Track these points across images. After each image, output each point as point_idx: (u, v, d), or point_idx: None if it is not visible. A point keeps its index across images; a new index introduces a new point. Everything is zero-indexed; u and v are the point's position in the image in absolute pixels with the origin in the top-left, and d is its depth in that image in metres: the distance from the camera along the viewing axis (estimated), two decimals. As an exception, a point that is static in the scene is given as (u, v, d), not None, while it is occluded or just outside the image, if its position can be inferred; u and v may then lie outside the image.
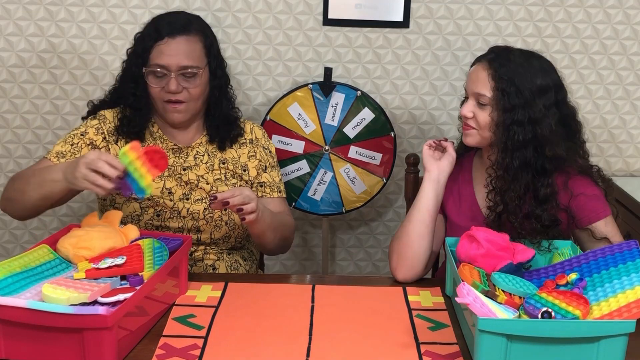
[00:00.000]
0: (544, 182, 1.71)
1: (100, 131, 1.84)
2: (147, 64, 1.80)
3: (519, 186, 1.70)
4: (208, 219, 1.87)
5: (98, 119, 1.87)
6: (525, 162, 1.70)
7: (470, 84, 1.76)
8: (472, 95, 1.76)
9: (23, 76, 2.42)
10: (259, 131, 1.98)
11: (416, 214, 1.76)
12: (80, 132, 1.84)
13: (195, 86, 1.81)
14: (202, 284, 1.71)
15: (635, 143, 2.56)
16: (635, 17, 2.42)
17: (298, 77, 2.45)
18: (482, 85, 1.72)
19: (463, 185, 1.86)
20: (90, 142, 1.83)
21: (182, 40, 1.79)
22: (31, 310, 1.29)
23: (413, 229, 1.75)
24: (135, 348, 1.42)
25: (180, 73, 1.79)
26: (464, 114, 1.76)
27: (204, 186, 1.87)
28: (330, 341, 1.47)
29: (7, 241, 2.60)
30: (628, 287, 1.44)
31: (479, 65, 1.76)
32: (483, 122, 1.73)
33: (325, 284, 1.77)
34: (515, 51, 1.76)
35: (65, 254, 1.58)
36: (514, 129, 1.69)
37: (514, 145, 1.69)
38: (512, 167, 1.70)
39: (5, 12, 2.37)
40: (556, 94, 1.73)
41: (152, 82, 1.81)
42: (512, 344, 1.35)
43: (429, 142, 1.82)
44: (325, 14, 2.39)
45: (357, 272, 2.69)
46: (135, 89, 1.82)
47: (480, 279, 1.51)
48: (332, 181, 2.38)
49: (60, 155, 1.79)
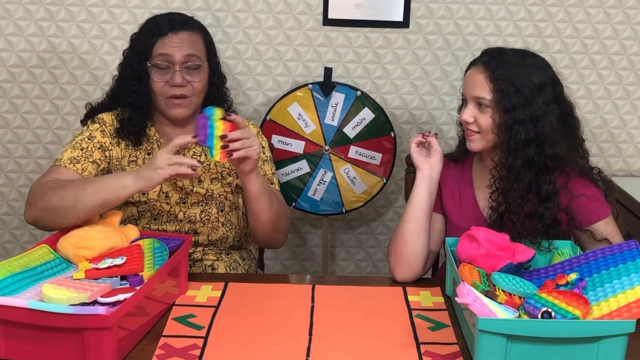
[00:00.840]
0: (546, 180, 1.71)
1: (105, 133, 1.83)
2: (150, 59, 1.80)
3: (522, 185, 1.70)
4: (205, 221, 1.87)
5: (98, 123, 1.85)
6: (528, 160, 1.70)
7: (468, 88, 1.75)
8: (471, 99, 1.74)
9: (23, 76, 2.42)
10: (253, 129, 1.98)
11: (410, 213, 1.76)
12: (86, 136, 1.82)
13: (199, 79, 1.82)
14: (202, 284, 1.71)
15: (635, 143, 2.56)
16: (635, 17, 2.42)
17: (298, 77, 2.45)
18: (480, 89, 1.72)
19: (464, 186, 1.86)
20: (100, 145, 1.81)
21: (184, 34, 1.81)
22: (31, 310, 1.29)
23: (408, 227, 1.75)
24: (135, 348, 1.42)
25: (185, 66, 1.79)
26: (464, 119, 1.75)
27: (199, 190, 1.87)
28: (330, 341, 1.47)
29: (7, 241, 2.60)
30: (628, 287, 1.44)
31: (475, 69, 1.74)
32: (485, 125, 1.73)
33: (325, 284, 1.77)
34: (509, 51, 1.76)
35: (65, 254, 1.58)
36: (516, 129, 1.68)
37: (516, 145, 1.69)
38: (515, 166, 1.70)
39: (5, 12, 2.37)
40: (554, 89, 1.73)
41: (156, 77, 1.80)
42: (512, 344, 1.35)
43: (415, 140, 1.81)
44: (325, 14, 2.39)
45: (357, 272, 2.69)
46: (138, 86, 1.81)
47: (480, 279, 1.51)
48: (332, 181, 2.38)
49: (75, 161, 1.76)
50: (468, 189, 1.86)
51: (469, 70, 1.76)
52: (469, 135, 1.77)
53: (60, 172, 1.75)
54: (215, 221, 1.88)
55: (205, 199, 1.88)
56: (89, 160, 1.78)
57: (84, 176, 1.76)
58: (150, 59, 1.80)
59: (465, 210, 1.84)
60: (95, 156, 1.79)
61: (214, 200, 1.88)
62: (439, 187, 1.84)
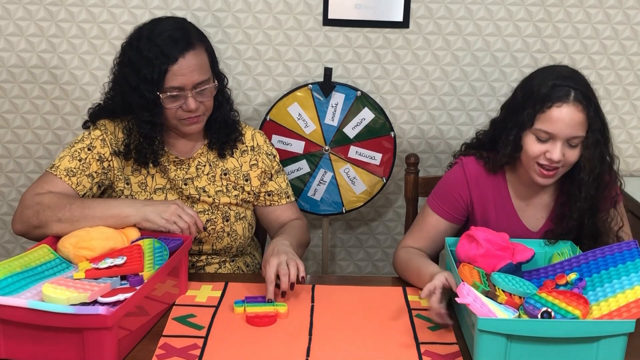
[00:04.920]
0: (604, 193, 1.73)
1: (105, 143, 1.79)
2: (161, 89, 1.72)
3: (588, 199, 1.71)
4: (210, 231, 1.86)
5: (100, 129, 1.81)
6: (601, 185, 1.71)
7: (563, 127, 1.61)
8: (561, 138, 1.63)
9: (23, 76, 2.42)
10: (260, 138, 1.95)
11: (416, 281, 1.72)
12: (85, 145, 1.78)
13: (210, 97, 1.78)
14: (202, 284, 1.71)
15: (635, 143, 2.56)
16: (635, 17, 2.42)
17: (298, 77, 2.45)
18: (579, 128, 1.63)
19: (500, 197, 1.81)
20: (100, 156, 1.78)
21: (191, 56, 1.73)
22: (31, 310, 1.29)
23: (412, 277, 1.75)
24: (135, 348, 1.42)
25: (196, 91, 1.74)
26: (554, 158, 1.63)
27: (205, 199, 1.86)
28: (330, 341, 1.47)
29: (7, 241, 2.60)
30: (628, 287, 1.44)
31: (572, 108, 1.61)
32: (571, 160, 1.66)
33: (325, 284, 1.77)
34: (582, 78, 1.69)
35: (65, 254, 1.58)
36: (600, 159, 1.67)
37: (597, 175, 1.68)
38: (589, 195, 1.70)
39: (5, 12, 2.37)
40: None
41: (169, 105, 1.74)
42: (512, 344, 1.35)
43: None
44: (325, 14, 2.39)
45: (357, 272, 2.69)
46: (151, 117, 1.74)
47: (480, 279, 1.51)
48: (332, 181, 2.38)
49: (71, 174, 1.74)
50: (505, 200, 1.80)
51: (562, 109, 1.62)
52: (549, 172, 1.67)
53: (55, 184, 1.73)
54: (220, 231, 1.87)
55: (212, 209, 1.87)
56: (85, 173, 1.76)
57: (78, 190, 1.74)
58: (162, 90, 1.72)
59: (503, 223, 1.80)
60: (93, 168, 1.77)
61: (220, 210, 1.88)
62: (471, 201, 1.79)
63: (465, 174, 1.79)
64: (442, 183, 1.84)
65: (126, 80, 1.75)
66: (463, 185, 1.79)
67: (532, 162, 1.67)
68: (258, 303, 1.59)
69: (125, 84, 1.76)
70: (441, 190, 1.83)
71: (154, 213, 1.66)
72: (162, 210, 1.67)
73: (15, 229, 1.72)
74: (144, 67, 1.71)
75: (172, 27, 1.76)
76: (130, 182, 1.83)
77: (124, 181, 1.82)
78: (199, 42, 1.77)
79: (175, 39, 1.73)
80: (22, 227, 1.70)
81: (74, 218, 1.64)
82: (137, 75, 1.72)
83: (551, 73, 1.69)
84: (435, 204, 1.82)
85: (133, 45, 1.76)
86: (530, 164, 1.68)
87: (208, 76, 1.77)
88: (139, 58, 1.73)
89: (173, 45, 1.72)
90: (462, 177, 1.80)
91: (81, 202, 1.69)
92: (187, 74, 1.72)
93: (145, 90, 1.71)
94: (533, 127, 1.64)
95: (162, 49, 1.71)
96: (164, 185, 1.84)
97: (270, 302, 1.59)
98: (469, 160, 1.81)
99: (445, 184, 1.83)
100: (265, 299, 1.60)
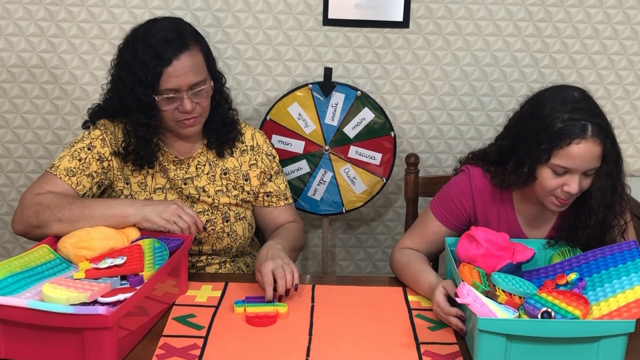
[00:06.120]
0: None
1: (105, 143, 1.79)
2: (156, 92, 1.72)
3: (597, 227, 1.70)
4: (210, 232, 1.86)
5: (100, 129, 1.81)
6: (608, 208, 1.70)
7: (582, 162, 1.59)
8: (579, 172, 1.61)
9: (23, 76, 2.42)
10: (260, 137, 1.95)
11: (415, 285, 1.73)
12: (85, 145, 1.78)
13: (206, 98, 1.78)
14: (202, 284, 1.71)
15: (635, 143, 2.56)
16: (635, 17, 2.42)
17: (298, 77, 2.45)
18: (597, 161, 1.61)
19: (504, 210, 1.79)
20: (99, 156, 1.78)
21: (186, 57, 1.72)
22: (31, 310, 1.29)
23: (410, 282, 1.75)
24: (135, 348, 1.42)
25: (192, 92, 1.74)
26: (572, 192, 1.62)
27: (205, 199, 1.87)
28: (330, 341, 1.47)
29: (7, 241, 2.60)
30: (628, 287, 1.44)
31: (591, 144, 1.58)
32: (585, 187, 1.65)
33: (325, 284, 1.77)
34: (594, 105, 1.66)
35: (65, 254, 1.58)
36: (611, 189, 1.66)
37: (608, 200, 1.67)
38: (600, 217, 1.69)
39: (5, 12, 2.37)
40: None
41: (165, 107, 1.74)
42: (512, 344, 1.35)
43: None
44: (325, 14, 2.39)
45: (357, 272, 2.69)
46: (147, 119, 1.74)
47: (480, 279, 1.51)
48: (332, 181, 2.38)
49: (71, 173, 1.74)
50: (510, 217, 1.78)
51: (581, 145, 1.58)
52: (565, 201, 1.66)
53: (54, 183, 1.73)
54: (220, 231, 1.87)
55: (211, 209, 1.88)
56: (85, 173, 1.76)
57: (78, 190, 1.74)
58: (157, 92, 1.72)
59: (503, 229, 1.77)
60: (92, 168, 1.77)
61: (219, 210, 1.88)
62: (475, 214, 1.78)
63: (472, 186, 1.77)
64: (447, 190, 1.81)
65: (122, 82, 1.75)
66: (468, 196, 1.77)
67: (548, 193, 1.66)
68: (258, 303, 1.59)
69: (121, 85, 1.76)
70: (446, 197, 1.80)
71: (153, 213, 1.66)
72: (162, 210, 1.67)
73: (15, 228, 1.72)
74: (139, 69, 1.71)
75: (166, 28, 1.75)
76: (130, 182, 1.83)
77: (123, 181, 1.82)
78: (193, 42, 1.76)
79: (169, 40, 1.72)
80: (22, 227, 1.70)
81: (74, 218, 1.64)
82: (133, 78, 1.72)
83: (562, 102, 1.62)
84: (438, 211, 1.80)
85: (129, 47, 1.76)
86: (545, 194, 1.66)
87: (204, 77, 1.76)
88: (134, 60, 1.72)
89: (167, 46, 1.71)
90: (467, 188, 1.77)
91: (81, 202, 1.69)
92: (181, 76, 1.71)
93: (141, 93, 1.71)
94: (550, 162, 1.61)
95: (156, 51, 1.70)
96: (164, 185, 1.85)
97: (270, 302, 1.59)
98: (476, 171, 1.78)
99: (450, 192, 1.80)
100: (265, 299, 1.60)
